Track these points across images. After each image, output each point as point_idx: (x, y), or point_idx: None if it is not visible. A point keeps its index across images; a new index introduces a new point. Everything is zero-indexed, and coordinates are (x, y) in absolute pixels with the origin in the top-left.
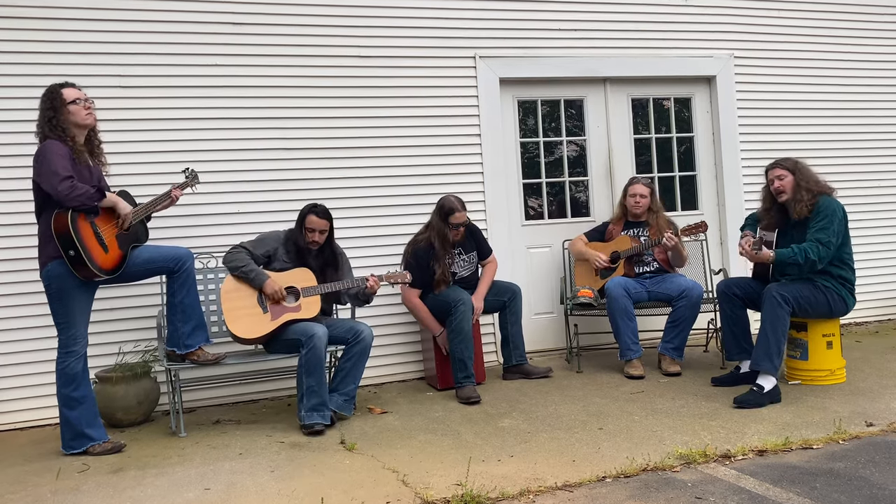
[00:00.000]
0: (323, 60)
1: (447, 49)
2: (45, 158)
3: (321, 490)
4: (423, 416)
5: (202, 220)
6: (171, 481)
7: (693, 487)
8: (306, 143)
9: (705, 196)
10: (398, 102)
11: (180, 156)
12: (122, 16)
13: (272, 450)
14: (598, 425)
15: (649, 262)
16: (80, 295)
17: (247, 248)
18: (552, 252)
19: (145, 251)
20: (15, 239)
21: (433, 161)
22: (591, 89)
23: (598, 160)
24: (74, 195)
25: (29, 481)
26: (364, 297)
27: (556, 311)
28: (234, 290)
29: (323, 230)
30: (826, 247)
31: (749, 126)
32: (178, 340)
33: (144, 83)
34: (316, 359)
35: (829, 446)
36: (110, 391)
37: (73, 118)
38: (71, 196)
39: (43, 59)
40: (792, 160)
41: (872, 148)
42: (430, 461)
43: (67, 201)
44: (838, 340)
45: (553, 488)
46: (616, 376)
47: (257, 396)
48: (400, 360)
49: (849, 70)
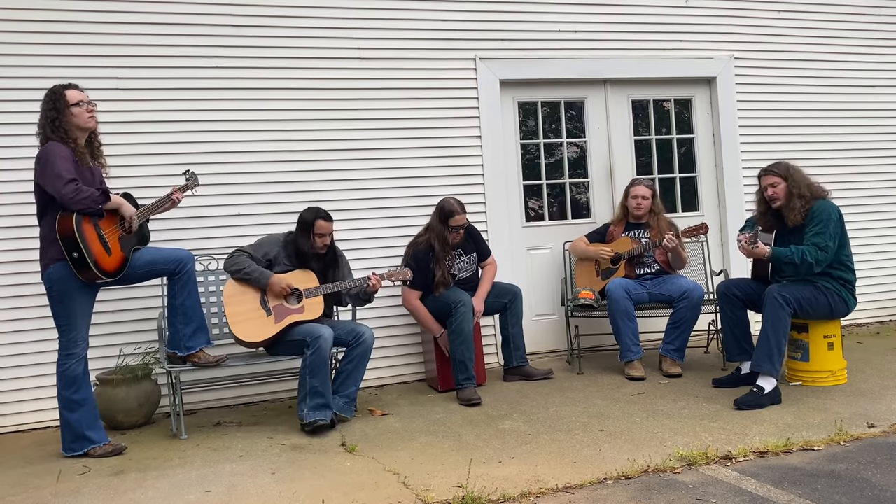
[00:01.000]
0: (323, 62)
1: (447, 51)
2: (48, 161)
3: (322, 492)
4: (424, 417)
5: (203, 222)
6: (172, 483)
7: (694, 489)
8: (307, 146)
9: (706, 197)
10: (398, 104)
11: (181, 158)
12: (122, 18)
13: (273, 452)
14: (598, 427)
15: (650, 263)
16: (82, 297)
17: (247, 252)
18: (553, 253)
19: (147, 253)
20: (16, 241)
21: (433, 163)
22: (591, 91)
23: (599, 162)
24: (80, 198)
25: (30, 483)
26: (365, 297)
27: (556, 313)
28: (237, 294)
29: (330, 233)
30: (823, 251)
31: (749, 127)
32: (179, 342)
33: (145, 85)
34: (321, 360)
35: (830, 448)
36: (111, 393)
37: (75, 120)
38: (76, 199)
39: (43, 62)
40: (783, 165)
41: (873, 149)
42: (430, 463)
43: (73, 204)
44: (839, 341)
45: (554, 490)
46: (617, 378)
47: (258, 398)
48: (401, 361)
49: (849, 71)
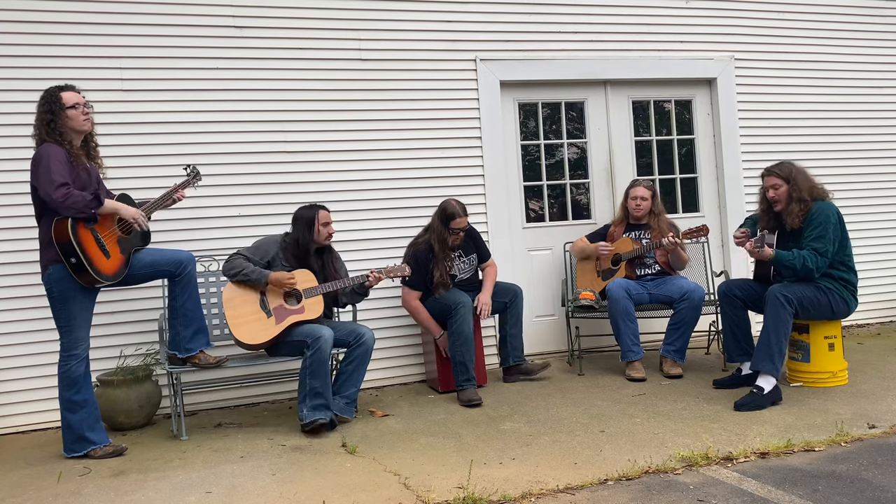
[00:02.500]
0: (323, 63)
1: (447, 52)
2: (41, 164)
3: (323, 493)
4: (425, 418)
5: (203, 223)
6: (173, 485)
7: (695, 490)
8: (307, 146)
9: (706, 198)
10: (399, 105)
11: (181, 158)
12: (123, 19)
13: (274, 453)
14: (599, 428)
15: (651, 264)
16: (82, 299)
17: (244, 255)
18: (553, 254)
19: (147, 255)
20: (16, 242)
21: (434, 164)
22: (591, 91)
23: (599, 162)
24: (70, 203)
25: (30, 485)
26: (362, 290)
27: (557, 314)
28: (236, 296)
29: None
30: (823, 256)
31: (750, 128)
32: (179, 344)
33: (145, 86)
34: (321, 361)
35: (831, 448)
36: (112, 394)
37: (71, 123)
38: (66, 204)
39: (43, 63)
40: (787, 166)
41: (872, 150)
42: (431, 464)
43: (63, 209)
44: (840, 342)
45: (555, 491)
46: (617, 379)
47: (258, 400)
48: (401, 362)
49: (850, 72)
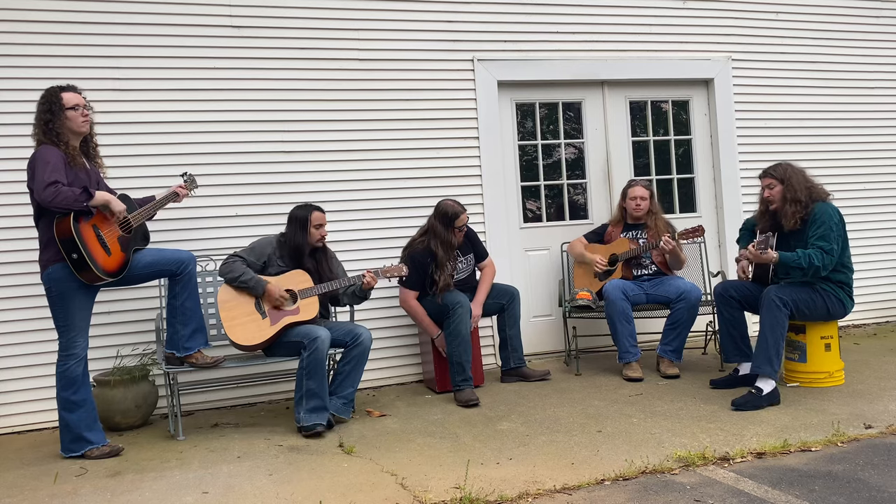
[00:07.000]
0: (321, 63)
1: (445, 52)
2: (36, 166)
3: (319, 493)
4: (422, 419)
5: (201, 223)
6: (170, 485)
7: (692, 490)
8: (305, 146)
9: (703, 198)
10: (396, 105)
11: (180, 158)
12: (121, 19)
13: (270, 453)
14: (596, 428)
15: (647, 264)
16: (81, 298)
17: (242, 257)
18: (550, 254)
19: (148, 254)
20: (15, 242)
21: (431, 164)
22: (589, 92)
23: (597, 163)
24: (59, 200)
25: (27, 485)
26: (361, 294)
27: (554, 314)
28: (231, 298)
29: (325, 224)
30: (829, 254)
31: (747, 128)
32: (177, 343)
33: (143, 86)
34: (318, 361)
35: (827, 449)
36: (108, 394)
37: (69, 124)
38: (56, 201)
39: (42, 63)
40: (782, 167)
41: (870, 151)
42: (428, 464)
43: (54, 207)
44: (836, 343)
45: (552, 491)
46: (614, 379)
47: (255, 400)
48: (398, 363)
49: (846, 71)
